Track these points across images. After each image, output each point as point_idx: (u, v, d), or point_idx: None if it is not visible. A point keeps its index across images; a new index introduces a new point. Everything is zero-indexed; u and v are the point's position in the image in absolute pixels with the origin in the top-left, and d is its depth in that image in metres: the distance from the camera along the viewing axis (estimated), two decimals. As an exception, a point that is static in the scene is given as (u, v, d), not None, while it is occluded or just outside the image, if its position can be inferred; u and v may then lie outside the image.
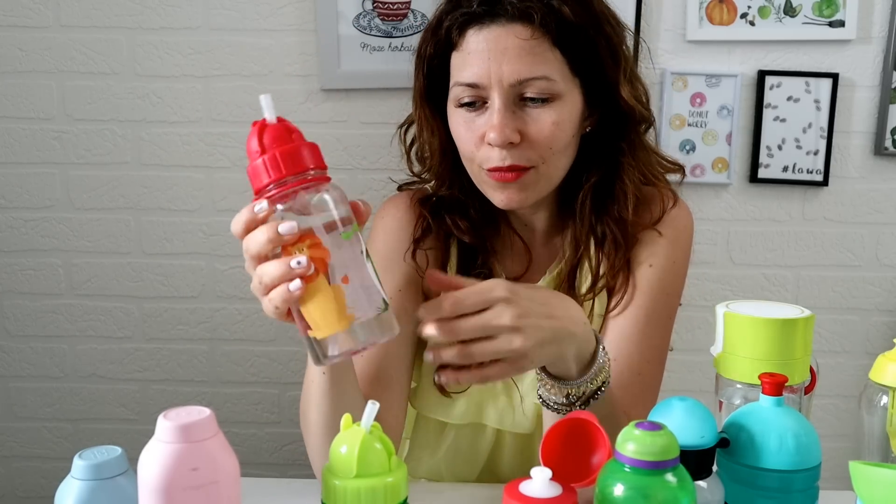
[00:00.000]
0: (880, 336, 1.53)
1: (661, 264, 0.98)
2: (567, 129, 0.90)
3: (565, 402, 0.77)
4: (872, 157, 1.47)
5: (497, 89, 0.87)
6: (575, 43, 0.88)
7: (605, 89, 0.92)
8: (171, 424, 0.54)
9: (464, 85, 0.89)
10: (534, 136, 0.88)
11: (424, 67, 0.95)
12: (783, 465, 0.66)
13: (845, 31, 1.42)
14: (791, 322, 0.79)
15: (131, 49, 1.44)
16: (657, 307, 0.97)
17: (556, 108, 0.88)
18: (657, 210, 0.98)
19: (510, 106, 0.88)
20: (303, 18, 1.42)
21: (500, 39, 0.86)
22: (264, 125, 0.66)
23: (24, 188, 1.49)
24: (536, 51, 0.86)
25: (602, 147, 0.96)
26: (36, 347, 1.55)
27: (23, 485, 1.61)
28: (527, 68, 0.86)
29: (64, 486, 0.62)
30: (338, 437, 0.62)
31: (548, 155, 0.89)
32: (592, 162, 0.96)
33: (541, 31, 0.86)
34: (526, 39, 0.86)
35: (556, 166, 0.92)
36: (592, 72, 0.91)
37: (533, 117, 0.88)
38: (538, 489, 0.60)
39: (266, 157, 0.64)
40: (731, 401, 0.82)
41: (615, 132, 0.95)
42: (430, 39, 0.93)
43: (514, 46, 0.86)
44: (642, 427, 0.58)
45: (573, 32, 0.87)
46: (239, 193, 1.48)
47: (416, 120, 1.01)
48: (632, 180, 0.95)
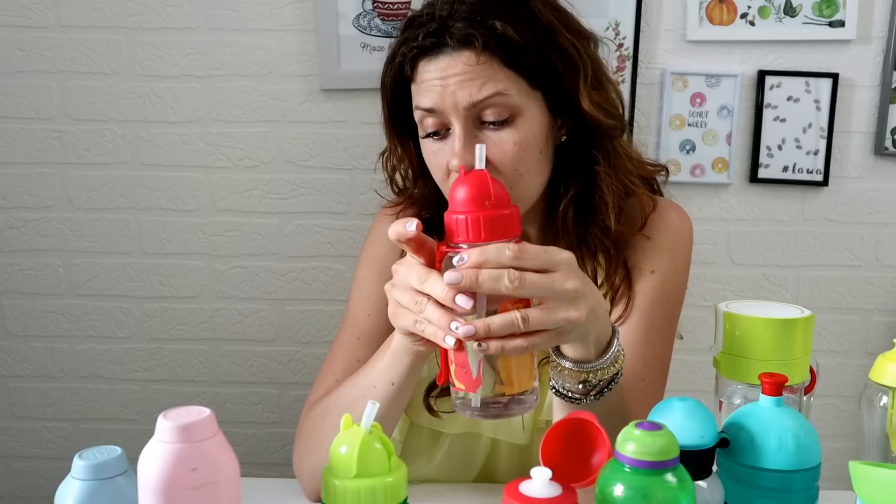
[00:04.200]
0: (880, 336, 1.53)
1: (663, 270, 0.97)
2: (531, 146, 0.88)
3: (581, 391, 0.76)
4: (872, 157, 1.47)
5: (454, 115, 0.86)
6: (525, 61, 0.87)
7: (567, 100, 0.91)
8: (171, 424, 0.54)
9: (423, 110, 0.89)
10: (498, 160, 0.87)
11: (388, 98, 0.95)
12: (783, 465, 0.66)
13: (845, 31, 1.42)
14: (791, 322, 0.79)
15: (131, 49, 1.44)
16: (660, 313, 0.96)
17: (518, 127, 0.87)
18: (639, 216, 0.97)
19: (471, 131, 0.87)
20: (303, 18, 1.42)
21: (450, 67, 0.86)
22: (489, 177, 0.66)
23: (24, 188, 1.49)
24: (486, 73, 0.85)
25: (577, 157, 0.94)
26: (36, 347, 1.55)
27: (23, 485, 1.61)
28: (478, 90, 0.85)
29: (64, 486, 0.62)
30: (338, 437, 0.62)
31: (515, 178, 0.88)
32: (570, 173, 0.95)
33: (487, 55, 0.85)
34: (473, 65, 0.85)
35: (527, 188, 0.90)
36: (550, 84, 0.89)
37: (494, 141, 0.87)
38: (538, 489, 0.60)
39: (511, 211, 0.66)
40: (731, 401, 0.82)
41: (587, 141, 0.93)
42: (389, 72, 0.93)
43: (464, 72, 0.85)
44: (642, 427, 0.58)
45: (521, 51, 0.86)
46: (238, 193, 1.48)
47: (389, 149, 1.01)
48: (610, 189, 0.93)
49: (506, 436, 0.99)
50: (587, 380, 0.74)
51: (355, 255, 1.08)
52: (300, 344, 1.54)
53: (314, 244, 1.50)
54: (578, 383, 0.75)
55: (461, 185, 0.66)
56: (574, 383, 0.76)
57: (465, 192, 0.65)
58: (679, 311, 1.01)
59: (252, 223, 1.50)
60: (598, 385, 0.76)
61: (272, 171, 1.47)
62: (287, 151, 1.47)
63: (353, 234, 1.49)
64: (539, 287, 0.65)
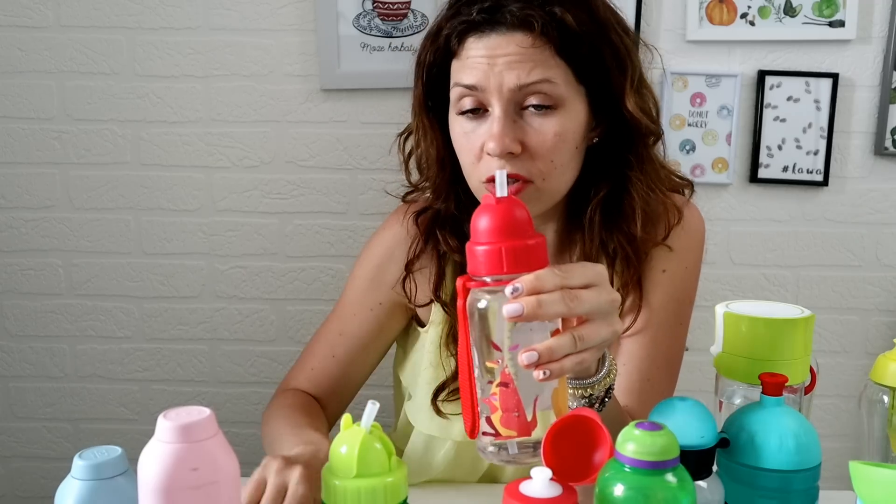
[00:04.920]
0: (880, 336, 1.53)
1: (674, 269, 0.96)
2: (570, 139, 0.87)
3: (585, 406, 0.75)
4: (872, 157, 1.47)
5: (497, 96, 0.84)
6: (579, 51, 0.85)
7: (610, 99, 0.89)
8: (171, 424, 0.54)
9: (463, 86, 0.86)
10: (535, 147, 0.85)
11: (424, 75, 0.93)
12: (783, 465, 0.66)
13: (845, 31, 1.42)
14: (791, 322, 0.79)
15: (131, 49, 1.44)
16: (668, 313, 0.96)
17: (559, 117, 0.85)
18: (662, 227, 0.95)
19: (511, 114, 0.85)
20: (303, 18, 1.42)
21: (500, 47, 0.84)
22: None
23: (24, 188, 1.49)
24: (538, 57, 0.83)
25: (610, 159, 0.93)
26: (36, 347, 1.55)
27: (23, 485, 1.61)
28: (527, 74, 0.83)
29: (64, 486, 0.62)
30: (338, 437, 0.62)
31: (549, 169, 0.86)
32: (600, 174, 0.93)
33: (542, 39, 0.83)
34: (527, 48, 0.83)
35: (557, 181, 0.89)
36: (597, 80, 0.88)
37: (534, 127, 0.85)
38: (538, 489, 0.60)
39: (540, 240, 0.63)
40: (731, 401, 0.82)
41: (622, 144, 0.92)
42: (430, 47, 0.91)
43: (515, 54, 0.83)
44: (642, 427, 0.58)
45: (576, 41, 0.84)
46: (238, 193, 1.48)
47: (415, 129, 0.98)
48: (640, 195, 0.92)
49: None
50: (592, 394, 0.74)
51: (355, 255, 1.08)
52: (300, 344, 1.54)
53: (314, 244, 1.50)
54: (583, 399, 0.75)
55: (490, 214, 0.63)
56: (579, 400, 0.75)
57: (495, 221, 0.62)
58: (689, 313, 1.00)
59: (252, 223, 1.50)
60: (601, 397, 0.76)
61: (272, 171, 1.47)
62: (287, 151, 1.47)
63: (353, 234, 1.49)
64: (591, 303, 0.64)
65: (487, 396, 0.63)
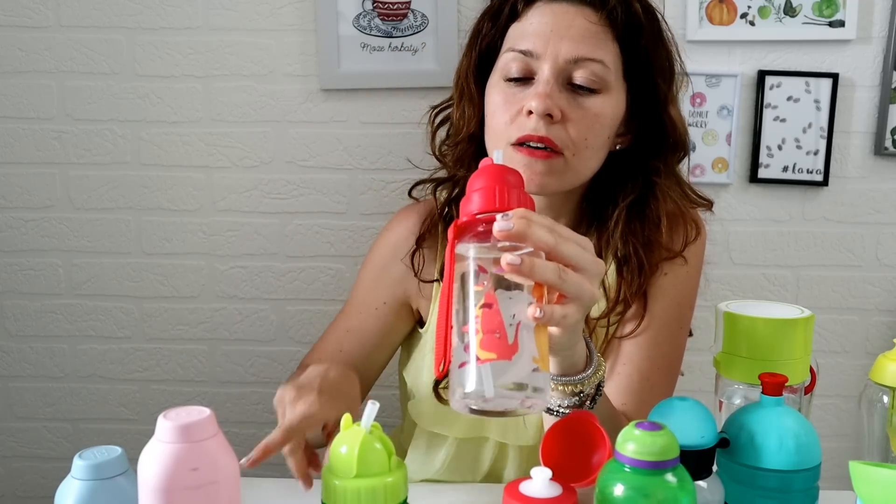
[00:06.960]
0: (880, 336, 1.53)
1: (675, 272, 0.97)
2: (606, 126, 0.88)
3: (577, 404, 0.75)
4: (872, 157, 1.47)
5: (550, 62, 0.86)
6: (637, 43, 0.88)
7: (650, 103, 0.91)
8: (171, 424, 0.54)
9: (518, 51, 0.88)
10: (574, 121, 0.86)
11: (478, 44, 0.95)
12: (783, 465, 0.67)
13: (845, 31, 1.42)
14: (791, 322, 0.79)
15: (131, 49, 1.44)
16: (669, 315, 0.96)
17: (602, 100, 0.87)
18: (680, 239, 0.97)
19: (558, 83, 0.86)
20: (303, 18, 1.42)
21: (567, 16, 0.86)
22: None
23: (24, 188, 1.49)
24: (598, 36, 0.86)
25: (639, 166, 0.94)
26: (36, 347, 1.55)
27: (23, 485, 1.61)
28: (586, 49, 0.85)
29: (64, 486, 0.62)
30: (338, 437, 0.62)
31: (581, 146, 0.87)
32: (627, 180, 0.94)
33: (607, 20, 0.86)
34: (593, 23, 0.86)
35: (584, 163, 0.89)
36: (643, 80, 0.90)
37: (578, 103, 0.87)
38: (538, 489, 0.60)
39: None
40: (731, 401, 0.82)
41: (652, 151, 0.93)
42: (490, 13, 0.93)
43: (579, 26, 0.85)
44: (642, 427, 0.58)
45: (637, 31, 0.87)
46: (239, 193, 1.48)
47: (456, 99, 0.99)
48: (667, 203, 0.94)
49: (513, 439, 0.98)
50: (582, 391, 0.74)
51: (355, 255, 1.09)
52: (300, 344, 1.54)
53: (314, 244, 1.50)
54: (574, 396, 0.75)
55: (485, 170, 0.66)
56: (569, 398, 0.75)
57: (490, 172, 0.65)
58: (690, 316, 1.01)
59: (252, 223, 1.50)
60: (591, 394, 0.76)
61: (272, 171, 1.47)
62: (287, 151, 1.47)
63: (353, 234, 1.49)
64: (576, 250, 0.63)
65: (468, 324, 0.60)
